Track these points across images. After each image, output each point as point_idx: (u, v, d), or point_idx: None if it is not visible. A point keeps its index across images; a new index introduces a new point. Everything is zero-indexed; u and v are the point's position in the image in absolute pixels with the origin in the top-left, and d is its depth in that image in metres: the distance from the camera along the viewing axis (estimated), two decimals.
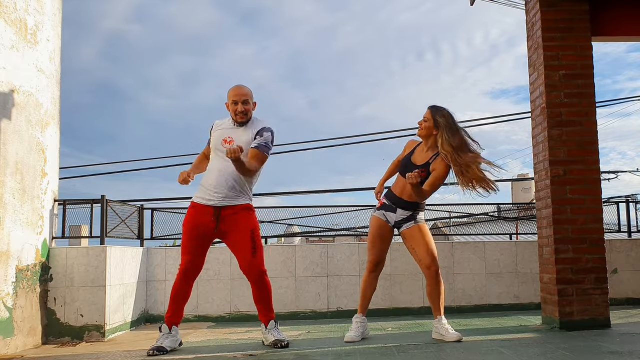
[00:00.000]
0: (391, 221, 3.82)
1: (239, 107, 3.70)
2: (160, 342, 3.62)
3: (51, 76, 4.73)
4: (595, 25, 4.34)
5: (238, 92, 3.73)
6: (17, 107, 4.17)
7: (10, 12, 4.13)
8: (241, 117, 3.73)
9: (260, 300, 3.76)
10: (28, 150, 4.30)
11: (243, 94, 3.73)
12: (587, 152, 4.20)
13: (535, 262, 5.38)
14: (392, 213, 3.82)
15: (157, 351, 3.53)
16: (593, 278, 4.08)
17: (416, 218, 3.81)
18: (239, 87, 3.77)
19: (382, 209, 3.85)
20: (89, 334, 4.48)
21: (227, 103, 3.78)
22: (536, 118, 4.45)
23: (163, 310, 5.45)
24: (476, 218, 7.68)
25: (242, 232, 3.66)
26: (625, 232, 6.32)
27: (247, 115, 3.74)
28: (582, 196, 4.16)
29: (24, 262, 4.18)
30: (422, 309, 5.58)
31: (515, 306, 5.63)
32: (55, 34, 4.83)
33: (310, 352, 3.43)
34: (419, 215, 3.83)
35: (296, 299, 5.55)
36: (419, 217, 3.83)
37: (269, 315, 3.78)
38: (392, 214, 3.82)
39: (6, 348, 3.87)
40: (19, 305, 4.09)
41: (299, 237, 14.62)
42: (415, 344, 3.54)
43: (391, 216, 3.82)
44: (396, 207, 3.80)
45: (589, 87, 4.25)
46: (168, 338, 3.67)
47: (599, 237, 4.15)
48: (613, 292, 5.43)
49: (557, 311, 4.05)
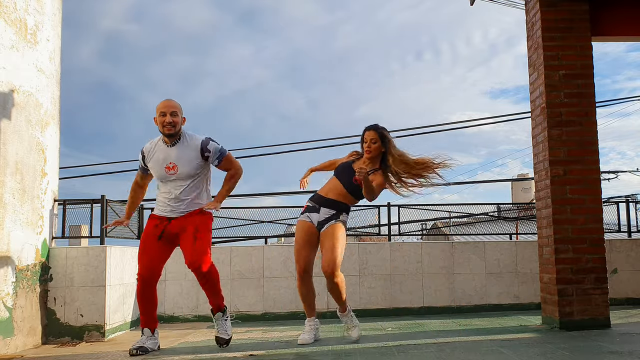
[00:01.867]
0: (315, 222, 3.80)
1: (166, 119, 3.63)
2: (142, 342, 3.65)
3: (51, 76, 4.73)
4: (595, 25, 4.34)
5: (166, 104, 3.68)
6: (17, 107, 4.17)
7: (10, 12, 4.13)
8: (169, 129, 3.63)
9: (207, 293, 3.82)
10: (28, 150, 4.30)
11: (171, 106, 3.68)
12: (587, 152, 4.20)
13: (535, 262, 5.38)
14: (315, 214, 3.80)
15: (140, 351, 3.58)
16: (593, 278, 4.08)
17: (339, 217, 3.79)
18: (167, 100, 3.72)
19: (306, 211, 3.85)
20: (89, 334, 4.48)
21: (155, 117, 3.71)
22: (536, 118, 4.44)
23: (163, 310, 5.45)
24: (476, 218, 7.68)
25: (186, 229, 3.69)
26: (625, 232, 6.32)
27: (175, 127, 3.66)
28: (582, 196, 4.16)
29: (24, 262, 4.18)
30: (422, 309, 5.58)
31: (515, 306, 5.63)
32: (55, 34, 4.83)
33: (310, 352, 3.43)
34: (342, 216, 3.81)
35: (296, 299, 5.55)
36: (341, 217, 3.81)
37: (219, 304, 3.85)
38: (316, 214, 3.80)
39: (6, 348, 3.87)
40: (19, 305, 4.09)
41: None
42: (415, 344, 3.54)
43: (314, 217, 3.80)
44: (320, 207, 3.79)
45: (589, 87, 4.25)
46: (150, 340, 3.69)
47: (599, 237, 4.15)
48: (613, 292, 5.43)
49: (557, 311, 4.05)
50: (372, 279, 5.60)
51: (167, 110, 3.65)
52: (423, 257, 5.61)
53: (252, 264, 5.58)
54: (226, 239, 6.30)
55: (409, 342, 3.64)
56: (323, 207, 3.79)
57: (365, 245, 5.71)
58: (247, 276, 5.56)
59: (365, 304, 5.55)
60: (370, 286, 5.59)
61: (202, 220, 3.72)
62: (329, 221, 3.76)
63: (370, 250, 5.65)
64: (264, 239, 6.17)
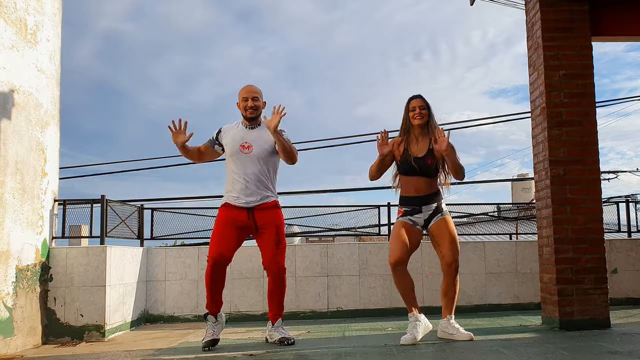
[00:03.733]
0: (420, 222, 3.71)
1: (249, 103, 3.83)
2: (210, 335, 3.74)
3: (51, 76, 4.73)
4: (595, 25, 4.34)
5: (248, 89, 3.89)
6: (17, 107, 4.17)
7: (10, 12, 4.13)
8: (251, 113, 3.84)
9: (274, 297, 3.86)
10: (28, 150, 4.30)
11: (253, 91, 3.88)
12: (587, 152, 4.20)
13: (535, 262, 5.38)
14: (418, 214, 3.70)
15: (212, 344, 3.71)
16: (593, 278, 4.08)
17: (442, 210, 3.71)
18: (249, 86, 3.91)
19: (407, 215, 3.71)
20: (89, 334, 4.48)
21: (238, 103, 3.91)
22: (536, 118, 4.45)
23: (163, 310, 5.45)
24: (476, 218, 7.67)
25: (268, 228, 3.81)
26: (625, 232, 6.32)
27: (257, 110, 3.87)
28: (582, 196, 4.16)
29: (24, 262, 4.18)
30: (422, 308, 5.57)
31: (515, 306, 5.62)
32: (55, 34, 4.83)
33: (310, 352, 3.43)
34: (443, 206, 3.74)
35: (296, 298, 5.55)
36: (444, 207, 3.74)
37: (279, 313, 3.88)
38: (419, 214, 3.70)
39: (6, 348, 3.87)
40: (19, 305, 4.09)
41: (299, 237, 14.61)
42: (415, 344, 3.54)
43: (419, 217, 3.70)
44: (420, 207, 3.70)
45: (589, 87, 4.25)
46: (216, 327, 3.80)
47: (599, 237, 4.15)
48: (613, 292, 5.43)
49: (557, 311, 4.05)
50: (372, 279, 5.60)
51: (249, 95, 3.85)
52: (423, 257, 5.61)
53: (252, 264, 5.58)
54: None
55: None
56: (423, 205, 3.70)
57: (365, 245, 5.71)
58: (247, 276, 5.56)
59: (365, 304, 5.55)
60: (370, 286, 5.59)
61: (281, 220, 3.88)
62: (434, 215, 3.70)
63: (370, 250, 5.64)
64: None
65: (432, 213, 3.71)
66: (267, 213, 3.81)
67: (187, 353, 3.59)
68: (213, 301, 3.79)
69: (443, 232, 3.67)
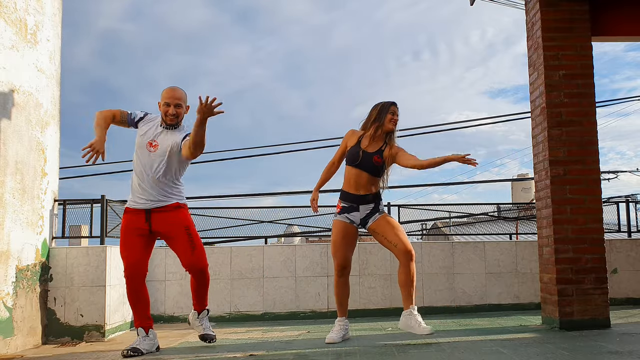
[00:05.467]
0: (356, 221, 3.80)
1: (170, 110, 3.65)
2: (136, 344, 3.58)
3: (51, 76, 4.73)
4: (595, 25, 4.34)
5: (172, 94, 3.68)
6: (17, 107, 4.17)
7: (10, 12, 4.13)
8: (171, 120, 3.67)
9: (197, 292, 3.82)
10: (28, 150, 4.30)
11: (177, 97, 3.68)
12: (587, 152, 4.20)
13: (535, 262, 5.38)
14: (355, 212, 3.79)
15: (132, 352, 3.51)
16: (593, 278, 4.08)
17: (379, 209, 3.82)
18: (173, 90, 3.70)
19: (344, 212, 3.81)
20: (89, 334, 4.48)
21: (160, 103, 3.71)
22: (536, 118, 4.45)
23: (163, 310, 5.45)
24: (476, 218, 7.68)
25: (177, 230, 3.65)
26: (625, 232, 6.32)
27: (178, 118, 3.69)
28: (582, 196, 4.16)
29: (24, 262, 4.18)
30: (421, 308, 5.57)
31: (515, 306, 5.63)
32: (55, 34, 4.83)
33: (310, 352, 3.43)
34: (380, 206, 3.84)
35: (296, 298, 5.55)
36: (381, 207, 3.85)
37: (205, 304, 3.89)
38: (356, 212, 3.79)
39: (6, 348, 3.87)
40: (19, 305, 4.09)
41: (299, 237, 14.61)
42: (415, 344, 3.54)
43: (356, 216, 3.79)
44: (358, 205, 3.79)
45: (589, 87, 4.25)
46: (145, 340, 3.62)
47: (599, 237, 4.15)
48: (613, 292, 5.44)
49: (557, 311, 4.05)
50: (372, 279, 5.60)
51: (172, 102, 3.66)
52: (423, 257, 5.61)
53: (252, 264, 5.58)
54: (226, 239, 6.30)
55: (409, 342, 3.64)
56: (362, 204, 3.78)
57: (365, 245, 5.71)
58: (247, 276, 5.56)
59: (365, 304, 5.55)
60: (370, 286, 5.59)
61: (186, 217, 3.72)
62: (372, 215, 3.78)
63: (370, 250, 5.64)
64: (264, 239, 6.17)
65: (370, 212, 3.79)
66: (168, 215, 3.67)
67: (187, 353, 3.59)
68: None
69: (385, 225, 3.75)
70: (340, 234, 3.79)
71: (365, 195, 3.78)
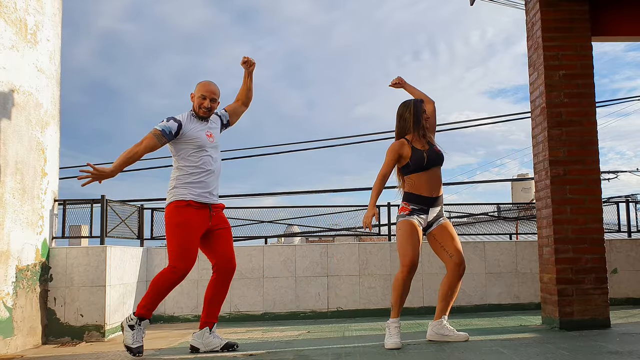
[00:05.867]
0: (424, 224, 3.73)
1: (205, 103, 3.66)
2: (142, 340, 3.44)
3: (51, 76, 4.73)
4: (595, 25, 4.34)
5: (209, 88, 3.69)
6: (17, 107, 4.17)
7: (11, 12, 4.13)
8: (204, 113, 3.67)
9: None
10: (28, 150, 4.30)
11: (213, 91, 3.70)
12: (587, 152, 4.20)
13: (535, 262, 5.38)
14: (424, 215, 3.72)
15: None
16: (593, 278, 4.08)
17: (443, 214, 3.78)
18: (210, 84, 3.73)
19: (414, 214, 3.71)
20: (89, 334, 4.48)
21: (193, 94, 3.71)
22: (536, 118, 4.44)
23: (163, 310, 5.45)
24: (476, 218, 7.67)
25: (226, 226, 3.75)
26: (625, 232, 6.32)
27: (210, 112, 3.71)
28: (582, 196, 4.16)
29: (24, 262, 4.18)
30: (421, 308, 5.58)
31: (515, 306, 5.63)
32: (55, 34, 4.83)
33: (310, 352, 3.43)
34: (443, 211, 3.80)
35: (296, 298, 5.55)
36: (443, 212, 3.80)
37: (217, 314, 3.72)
38: (425, 215, 3.72)
39: (6, 348, 3.87)
40: (19, 305, 4.09)
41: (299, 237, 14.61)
42: (415, 344, 3.54)
43: (424, 218, 3.72)
44: (428, 208, 3.72)
45: (589, 87, 4.25)
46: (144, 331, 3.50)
47: (599, 237, 4.15)
48: (613, 292, 5.44)
49: (557, 311, 4.05)
50: (372, 279, 5.60)
51: (209, 96, 3.68)
52: (423, 257, 5.61)
53: (252, 264, 5.58)
54: None
55: (409, 342, 3.64)
56: (432, 207, 3.72)
57: (365, 245, 5.71)
58: (247, 276, 5.56)
59: (365, 304, 5.55)
60: (370, 286, 5.59)
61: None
62: (437, 219, 3.73)
63: (370, 250, 5.65)
64: (264, 239, 6.17)
65: (436, 216, 3.73)
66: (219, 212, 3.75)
67: (187, 353, 3.59)
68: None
69: (447, 233, 3.69)
70: (412, 233, 3.67)
71: (437, 197, 3.74)
